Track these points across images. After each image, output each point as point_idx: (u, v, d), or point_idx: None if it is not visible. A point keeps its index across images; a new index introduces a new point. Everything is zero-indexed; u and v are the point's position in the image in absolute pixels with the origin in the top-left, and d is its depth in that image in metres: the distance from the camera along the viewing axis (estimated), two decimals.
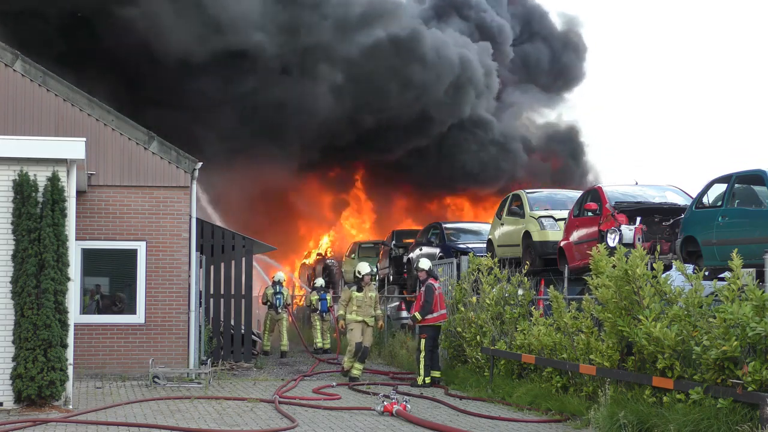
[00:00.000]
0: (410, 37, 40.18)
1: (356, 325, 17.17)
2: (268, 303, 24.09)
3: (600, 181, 40.01)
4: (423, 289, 16.50)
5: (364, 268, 17.42)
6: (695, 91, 77.98)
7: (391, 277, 26.90)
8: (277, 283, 24.25)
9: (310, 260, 41.65)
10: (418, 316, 16.44)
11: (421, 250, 24.48)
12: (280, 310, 24.03)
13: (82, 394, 14.33)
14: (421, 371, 16.12)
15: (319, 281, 27.03)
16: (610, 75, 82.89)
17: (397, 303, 24.75)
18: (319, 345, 24.98)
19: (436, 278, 16.80)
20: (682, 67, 78.50)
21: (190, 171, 17.69)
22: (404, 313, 23.97)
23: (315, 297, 25.83)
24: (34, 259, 12.36)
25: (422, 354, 16.17)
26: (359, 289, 17.29)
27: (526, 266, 16.61)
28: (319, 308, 25.37)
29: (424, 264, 16.78)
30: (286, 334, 23.90)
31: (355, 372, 17.01)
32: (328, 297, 25.86)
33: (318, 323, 25.33)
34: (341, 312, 17.54)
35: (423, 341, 16.30)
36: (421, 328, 16.60)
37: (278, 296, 24.06)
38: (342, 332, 18.22)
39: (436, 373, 16.27)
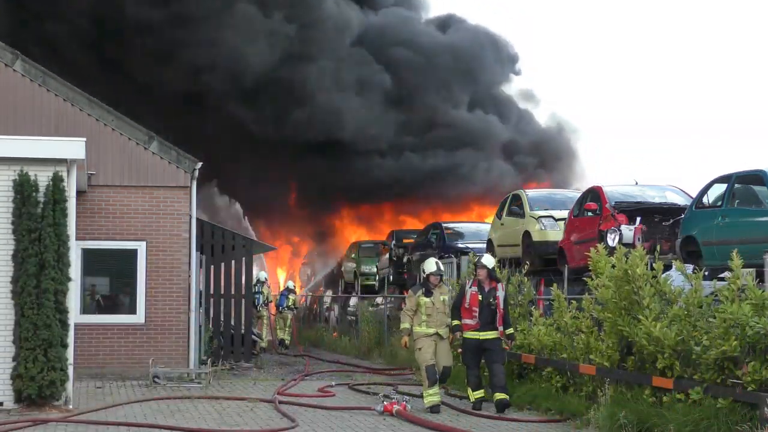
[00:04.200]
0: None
1: (426, 341, 13.30)
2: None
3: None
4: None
5: (430, 265, 13.64)
6: (695, 90, 78.07)
7: (391, 278, 26.93)
8: (257, 283, 24.75)
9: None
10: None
11: (422, 250, 24.51)
12: (260, 308, 24.81)
13: (82, 394, 14.33)
14: (467, 389, 13.59)
15: (290, 283, 28.12)
16: (610, 74, 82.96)
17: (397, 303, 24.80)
18: (283, 339, 25.97)
19: (497, 281, 13.60)
20: (683, 66, 78.59)
21: (190, 171, 17.70)
22: None
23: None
24: (35, 259, 12.36)
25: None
26: (427, 293, 13.52)
27: (526, 266, 16.60)
28: (278, 303, 26.41)
29: (488, 261, 13.61)
30: (266, 331, 25.13)
31: (433, 399, 13.14)
32: (291, 297, 26.65)
33: (280, 321, 26.38)
34: (406, 324, 13.48)
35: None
36: None
37: (258, 295, 24.52)
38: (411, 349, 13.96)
39: (478, 393, 13.32)
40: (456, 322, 13.32)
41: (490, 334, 13.21)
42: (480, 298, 13.22)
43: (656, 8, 78.05)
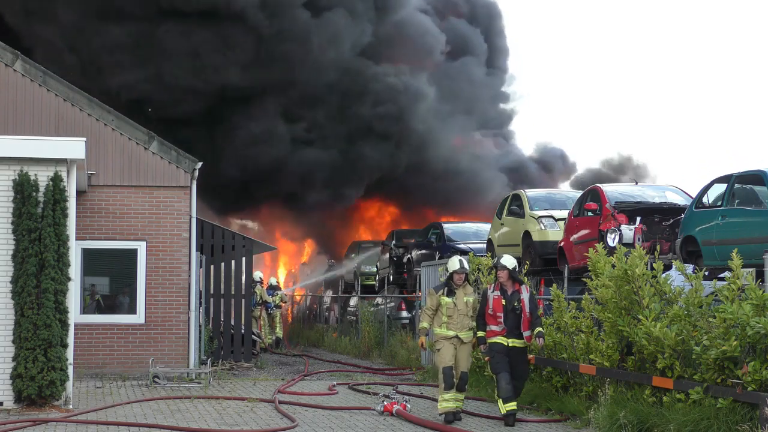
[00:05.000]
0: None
1: (446, 344, 12.47)
2: None
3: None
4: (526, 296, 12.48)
5: (453, 263, 12.66)
6: (695, 90, 78.10)
7: (391, 277, 26.95)
8: (253, 282, 24.82)
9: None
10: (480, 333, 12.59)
11: (422, 250, 24.50)
12: (252, 309, 24.70)
13: (82, 394, 14.34)
14: (496, 399, 12.52)
15: (273, 280, 28.50)
16: (610, 73, 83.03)
17: (397, 303, 24.81)
18: (269, 340, 26.09)
19: (520, 282, 12.65)
20: (683, 66, 78.64)
21: (190, 171, 17.71)
22: (404, 313, 24.06)
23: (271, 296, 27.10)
24: (35, 258, 12.37)
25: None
26: (450, 293, 12.66)
27: (526, 266, 16.59)
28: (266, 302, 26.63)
29: (508, 262, 12.58)
30: (264, 330, 25.38)
31: (447, 405, 12.32)
32: (277, 295, 27.03)
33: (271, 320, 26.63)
34: (425, 324, 12.69)
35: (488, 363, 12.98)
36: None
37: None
38: (428, 350, 13.16)
39: (509, 405, 12.11)
40: (480, 333, 12.48)
41: (516, 342, 12.36)
42: (504, 303, 12.34)
43: (662, 7, 78.12)
